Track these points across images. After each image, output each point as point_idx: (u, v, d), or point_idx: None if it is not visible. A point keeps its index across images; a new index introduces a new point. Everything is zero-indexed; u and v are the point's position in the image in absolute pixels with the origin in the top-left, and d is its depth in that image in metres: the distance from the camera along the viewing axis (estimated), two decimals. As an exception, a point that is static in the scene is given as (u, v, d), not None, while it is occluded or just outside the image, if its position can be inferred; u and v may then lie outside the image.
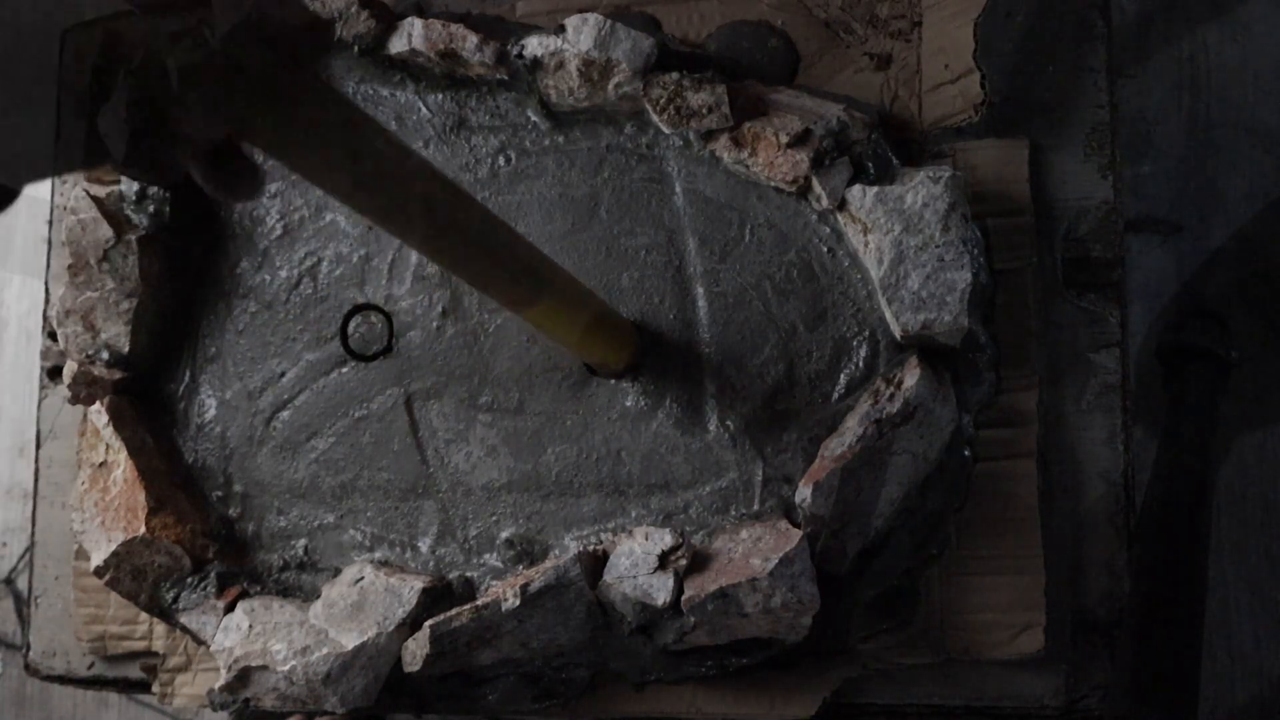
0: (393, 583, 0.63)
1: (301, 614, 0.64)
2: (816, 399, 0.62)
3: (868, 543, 0.59)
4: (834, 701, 0.61)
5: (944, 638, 0.60)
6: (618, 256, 0.66)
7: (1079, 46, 0.63)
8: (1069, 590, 0.60)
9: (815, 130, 0.60)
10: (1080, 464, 0.61)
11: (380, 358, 0.68)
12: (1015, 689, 0.60)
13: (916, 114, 0.64)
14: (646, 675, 0.62)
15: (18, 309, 1.24)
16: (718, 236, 0.64)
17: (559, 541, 0.64)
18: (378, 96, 0.70)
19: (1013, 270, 0.61)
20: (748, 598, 0.56)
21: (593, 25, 0.62)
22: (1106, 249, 0.62)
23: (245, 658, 0.63)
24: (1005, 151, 0.62)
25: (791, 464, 0.62)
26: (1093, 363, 0.62)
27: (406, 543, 0.67)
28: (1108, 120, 0.62)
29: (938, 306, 0.57)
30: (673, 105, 0.62)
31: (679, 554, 0.59)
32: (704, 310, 0.64)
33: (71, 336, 0.69)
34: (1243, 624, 0.88)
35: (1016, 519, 0.60)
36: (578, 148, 0.67)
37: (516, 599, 0.58)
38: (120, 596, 0.67)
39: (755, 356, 0.63)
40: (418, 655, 0.60)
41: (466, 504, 0.66)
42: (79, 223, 0.69)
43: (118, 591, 0.66)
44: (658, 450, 0.64)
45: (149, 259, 0.69)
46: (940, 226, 0.58)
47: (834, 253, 0.63)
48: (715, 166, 0.64)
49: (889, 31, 0.65)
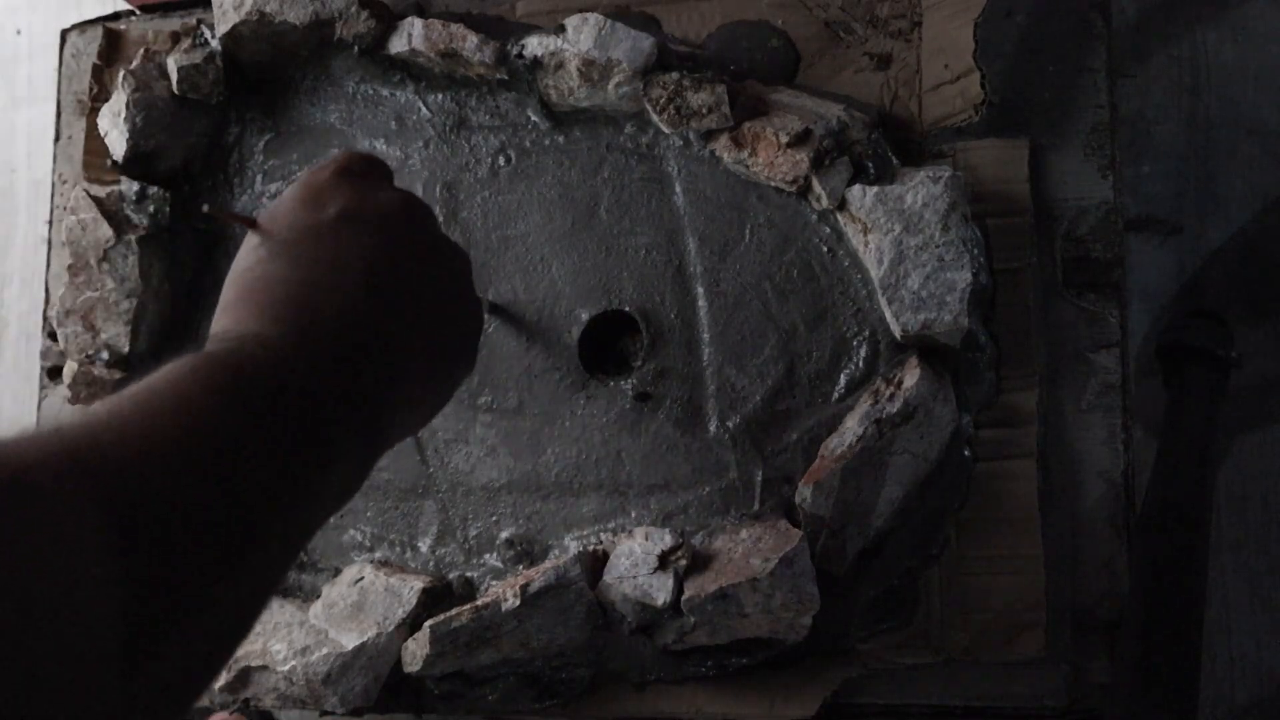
0: (393, 583, 0.63)
1: (301, 614, 0.64)
2: (816, 399, 0.62)
3: (868, 543, 0.59)
4: (834, 701, 0.61)
5: (944, 638, 0.60)
6: (618, 256, 0.66)
7: (1079, 46, 0.63)
8: (1069, 590, 0.60)
9: (815, 130, 0.60)
10: (1080, 464, 0.61)
11: (380, 358, 0.68)
12: (1015, 689, 0.60)
13: (916, 114, 0.64)
14: (646, 675, 0.62)
15: (18, 309, 1.24)
16: (718, 236, 0.64)
17: (559, 541, 0.64)
18: (378, 96, 0.70)
19: (1013, 270, 0.61)
20: (748, 598, 0.56)
21: (593, 25, 0.62)
22: (1106, 249, 0.62)
23: (245, 658, 0.63)
24: (1005, 151, 0.62)
25: (791, 464, 0.62)
26: (1093, 363, 0.62)
27: (406, 543, 0.67)
28: (1108, 120, 0.62)
29: (938, 306, 0.57)
30: (673, 105, 0.62)
31: (679, 554, 0.59)
32: (704, 310, 0.64)
33: (71, 336, 0.69)
34: (1243, 624, 0.88)
35: (1016, 519, 0.60)
36: (578, 147, 0.67)
37: (516, 599, 0.58)
38: (120, 596, 0.67)
39: (755, 356, 0.63)
40: (418, 655, 0.60)
41: (466, 504, 0.66)
42: (79, 223, 0.69)
43: (118, 591, 0.66)
44: (658, 450, 0.64)
45: (149, 259, 0.69)
46: (940, 226, 0.58)
47: (834, 253, 0.63)
48: (715, 166, 0.64)
49: (889, 31, 0.65)
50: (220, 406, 0.33)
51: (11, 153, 1.27)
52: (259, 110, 0.71)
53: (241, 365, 0.35)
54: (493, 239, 0.67)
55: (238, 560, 0.31)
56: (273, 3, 0.67)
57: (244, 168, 0.72)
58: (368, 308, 0.39)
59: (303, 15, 0.66)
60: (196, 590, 0.30)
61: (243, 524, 0.31)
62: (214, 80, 0.69)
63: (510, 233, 0.67)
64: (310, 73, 0.70)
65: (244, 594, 0.32)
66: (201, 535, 0.30)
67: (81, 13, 0.79)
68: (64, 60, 0.78)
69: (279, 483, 0.33)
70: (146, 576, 0.28)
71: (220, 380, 0.34)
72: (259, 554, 0.32)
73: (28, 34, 1.28)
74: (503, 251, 0.67)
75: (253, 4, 0.67)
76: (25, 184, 1.26)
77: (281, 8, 0.67)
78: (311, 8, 0.66)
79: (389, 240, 0.41)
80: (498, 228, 0.67)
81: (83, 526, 0.27)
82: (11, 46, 1.28)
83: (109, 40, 0.76)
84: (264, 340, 0.36)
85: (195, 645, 0.30)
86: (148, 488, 0.29)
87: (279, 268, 0.39)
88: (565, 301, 0.66)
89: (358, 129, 0.70)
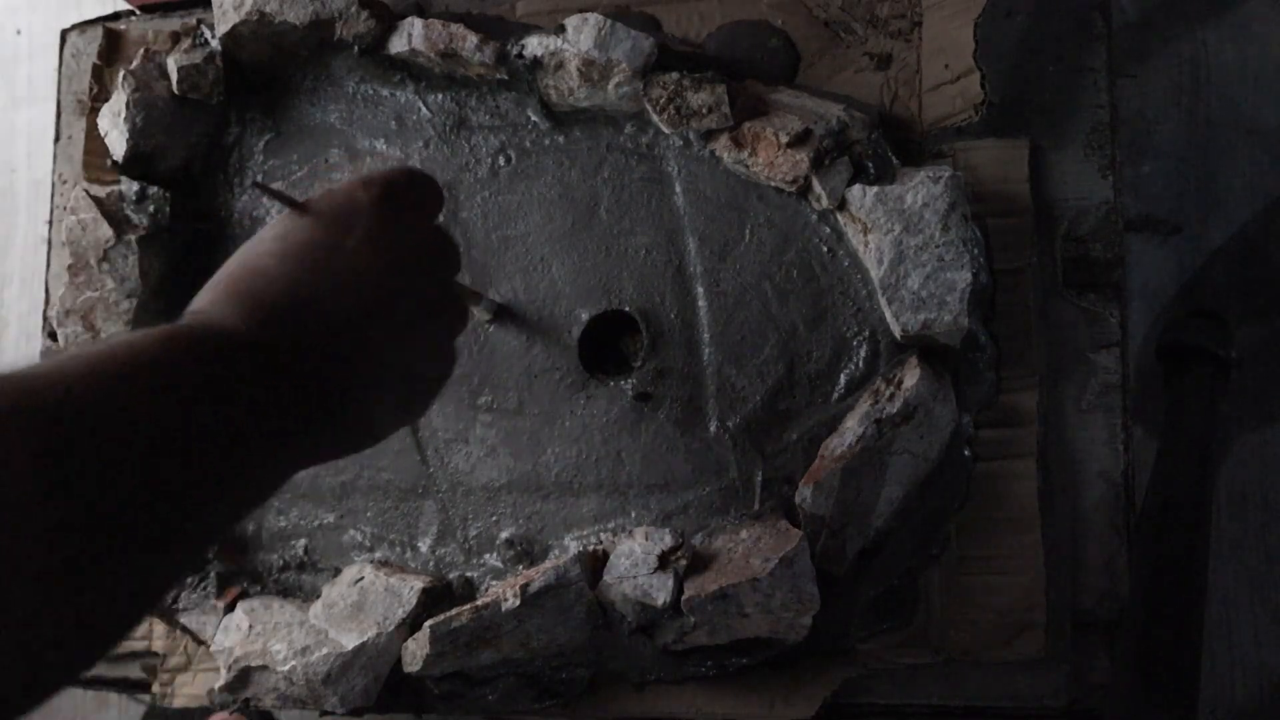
0: (393, 583, 0.63)
1: (301, 614, 0.64)
2: (816, 399, 0.62)
3: (868, 543, 0.59)
4: (834, 701, 0.61)
5: (944, 638, 0.60)
6: (618, 256, 0.66)
7: (1079, 46, 0.63)
8: (1069, 590, 0.60)
9: (815, 130, 0.60)
10: (1080, 464, 0.61)
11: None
12: (1015, 689, 0.60)
13: (916, 114, 0.64)
14: (646, 675, 0.62)
15: (18, 309, 1.24)
16: (718, 236, 0.64)
17: (559, 541, 0.64)
18: (378, 96, 0.70)
19: (1013, 270, 0.61)
20: (748, 598, 0.56)
21: (593, 25, 0.62)
22: (1106, 249, 0.62)
23: (245, 658, 0.63)
24: (1005, 151, 0.62)
25: (791, 464, 0.62)
26: (1093, 363, 0.62)
27: (406, 543, 0.67)
28: (1108, 120, 0.62)
29: (938, 306, 0.57)
30: (673, 105, 0.62)
31: (679, 554, 0.59)
32: (704, 310, 0.64)
33: (71, 336, 0.69)
34: (1243, 624, 0.88)
35: (1016, 519, 0.60)
36: (578, 147, 0.67)
37: (516, 599, 0.58)
38: (120, 596, 0.67)
39: (755, 356, 0.63)
40: (418, 655, 0.60)
41: (466, 504, 0.66)
42: (79, 223, 0.69)
43: (118, 591, 0.66)
44: (658, 450, 0.64)
45: (149, 259, 0.69)
46: (940, 226, 0.58)
47: (834, 253, 0.63)
48: (715, 166, 0.64)
49: (889, 31, 0.65)
50: (168, 365, 0.34)
51: (11, 153, 1.27)
52: (259, 110, 0.71)
53: (201, 337, 0.36)
54: (493, 239, 0.67)
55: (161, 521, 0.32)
56: (273, 3, 0.67)
57: (244, 168, 0.72)
58: (339, 333, 0.39)
59: (303, 15, 0.66)
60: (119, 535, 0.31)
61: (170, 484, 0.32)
62: (214, 80, 0.69)
63: (510, 233, 0.67)
64: (310, 73, 0.70)
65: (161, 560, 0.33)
66: (128, 486, 0.31)
67: (81, 13, 0.79)
68: (64, 60, 0.78)
69: (203, 463, 0.34)
70: (72, 514, 0.29)
71: (179, 354, 0.34)
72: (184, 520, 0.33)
73: (28, 34, 1.28)
74: (503, 251, 0.67)
75: (253, 4, 0.67)
76: (25, 184, 1.26)
77: (281, 8, 0.67)
78: (311, 8, 0.66)
79: (393, 285, 0.41)
80: (498, 228, 0.67)
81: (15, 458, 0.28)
82: (11, 46, 1.28)
83: (109, 40, 0.76)
84: (231, 327, 0.37)
85: (115, 589, 0.31)
86: (82, 426, 0.30)
87: (279, 267, 0.39)
88: (565, 301, 0.66)
89: (358, 129, 0.70)
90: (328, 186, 0.45)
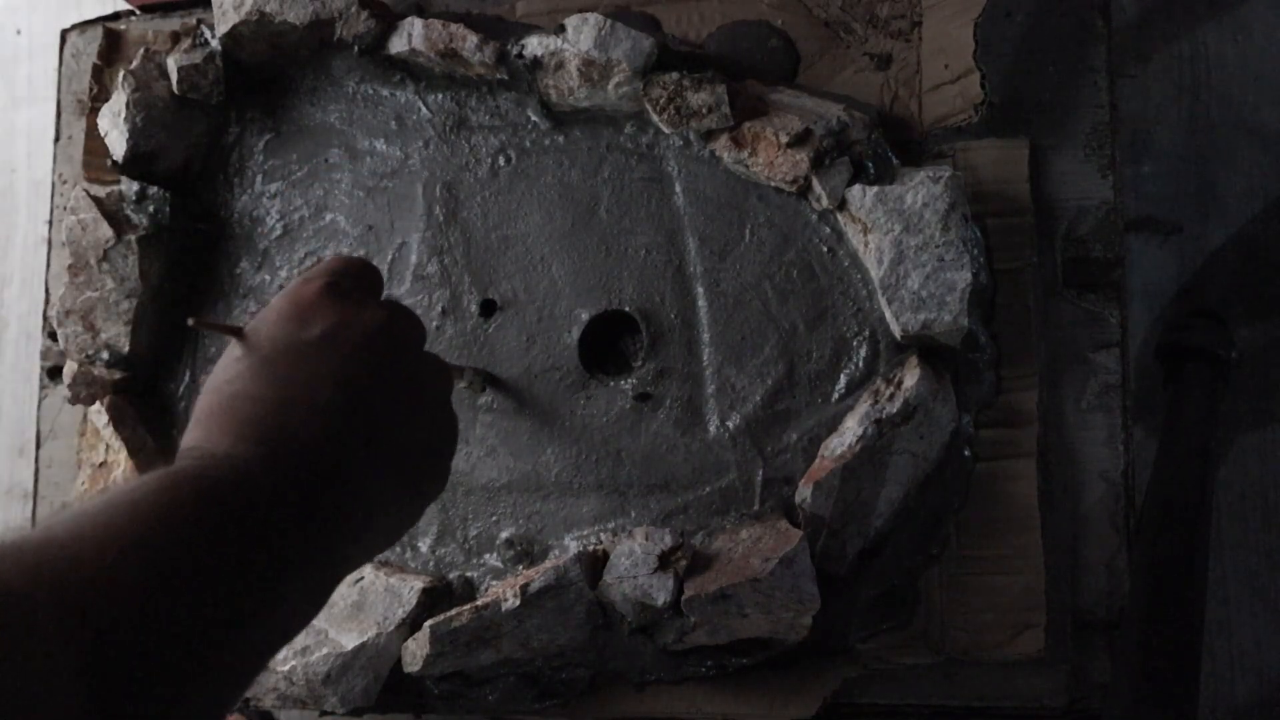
0: (393, 583, 0.63)
1: (301, 614, 0.64)
2: (816, 399, 0.62)
3: (868, 543, 0.59)
4: (834, 701, 0.61)
5: (944, 638, 0.60)
6: (618, 256, 0.66)
7: (1079, 46, 0.63)
8: (1069, 590, 0.60)
9: (815, 130, 0.60)
10: (1080, 464, 0.61)
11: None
12: (1015, 689, 0.60)
13: (916, 114, 0.64)
14: (646, 675, 0.62)
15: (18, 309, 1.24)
16: (718, 236, 0.64)
17: (559, 541, 0.64)
18: (378, 96, 0.70)
19: (1013, 270, 0.61)
20: (748, 598, 0.56)
21: (593, 25, 0.62)
22: (1106, 249, 0.62)
23: (245, 658, 0.63)
24: (1005, 151, 0.62)
25: (791, 464, 0.62)
26: (1093, 363, 0.62)
27: (406, 543, 0.67)
28: (1108, 120, 0.62)
29: (938, 306, 0.57)
30: (673, 105, 0.62)
31: (679, 554, 0.59)
32: (704, 310, 0.64)
33: (71, 336, 0.69)
34: (1243, 624, 0.88)
35: (1016, 519, 0.60)
36: (578, 147, 0.67)
37: (516, 599, 0.58)
38: (120, 596, 0.67)
39: (755, 356, 0.63)
40: (418, 655, 0.60)
41: (466, 504, 0.66)
42: (79, 223, 0.69)
43: (118, 591, 0.66)
44: (658, 450, 0.64)
45: (149, 259, 0.69)
46: (940, 226, 0.58)
47: (834, 253, 0.63)
48: (715, 166, 0.64)
49: (889, 31, 0.65)
50: (186, 524, 0.33)
51: (11, 153, 1.27)
52: (259, 110, 0.71)
53: (209, 485, 0.35)
54: (493, 239, 0.67)
55: (198, 678, 0.32)
56: (273, 3, 0.67)
57: (244, 168, 0.72)
58: (340, 433, 0.39)
59: (303, 15, 0.66)
60: (157, 708, 0.31)
61: (204, 643, 0.32)
62: (214, 80, 0.69)
63: (510, 232, 0.67)
64: (310, 73, 0.70)
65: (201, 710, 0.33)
66: (164, 653, 0.31)
67: (81, 13, 0.79)
68: (64, 60, 0.78)
69: (240, 603, 0.34)
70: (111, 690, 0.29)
71: (187, 499, 0.34)
72: (218, 672, 0.33)
73: (28, 34, 1.28)
74: (503, 251, 0.67)
75: (253, 4, 0.67)
76: (25, 184, 1.26)
77: (281, 8, 0.67)
78: (311, 8, 0.66)
79: (368, 364, 0.41)
80: (498, 228, 0.67)
81: (50, 639, 0.28)
82: (11, 46, 1.28)
83: (109, 40, 0.76)
84: (234, 460, 0.37)
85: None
86: (114, 606, 0.30)
87: (256, 385, 0.39)
88: (565, 301, 0.66)
89: (358, 129, 0.70)
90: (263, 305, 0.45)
